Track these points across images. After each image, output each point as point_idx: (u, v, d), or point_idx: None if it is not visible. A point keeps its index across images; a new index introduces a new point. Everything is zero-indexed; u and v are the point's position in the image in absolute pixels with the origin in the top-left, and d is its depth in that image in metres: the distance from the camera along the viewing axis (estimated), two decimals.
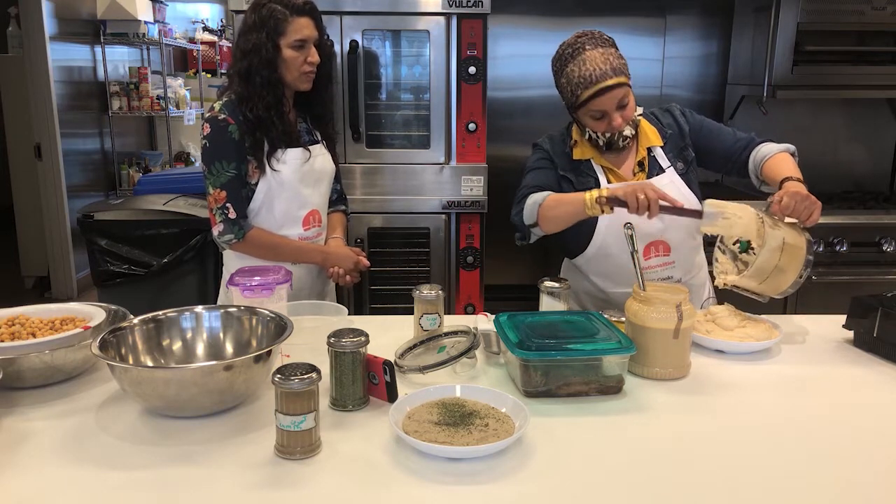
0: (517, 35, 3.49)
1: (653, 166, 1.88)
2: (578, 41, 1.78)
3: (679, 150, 1.90)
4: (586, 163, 1.89)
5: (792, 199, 1.62)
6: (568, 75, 1.77)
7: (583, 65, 1.74)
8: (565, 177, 1.90)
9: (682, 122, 1.92)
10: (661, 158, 1.88)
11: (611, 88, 1.73)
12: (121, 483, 1.10)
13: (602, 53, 1.74)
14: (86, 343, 1.42)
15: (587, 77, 1.73)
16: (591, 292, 1.97)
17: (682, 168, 1.89)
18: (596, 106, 1.76)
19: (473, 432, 1.19)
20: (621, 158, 1.89)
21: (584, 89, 1.75)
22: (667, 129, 1.91)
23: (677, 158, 1.89)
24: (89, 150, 5.31)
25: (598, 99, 1.74)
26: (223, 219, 1.88)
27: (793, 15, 3.01)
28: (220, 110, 1.87)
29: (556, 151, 1.93)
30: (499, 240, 3.35)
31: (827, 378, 1.52)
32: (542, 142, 1.97)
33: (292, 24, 1.85)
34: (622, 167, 1.89)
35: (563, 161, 1.91)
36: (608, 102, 1.75)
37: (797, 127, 3.55)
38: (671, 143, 1.90)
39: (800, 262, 1.62)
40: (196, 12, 6.24)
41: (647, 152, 1.88)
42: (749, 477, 1.12)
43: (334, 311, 1.69)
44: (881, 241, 3.01)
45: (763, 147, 1.86)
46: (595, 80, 1.73)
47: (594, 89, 1.73)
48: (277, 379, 1.14)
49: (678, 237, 1.84)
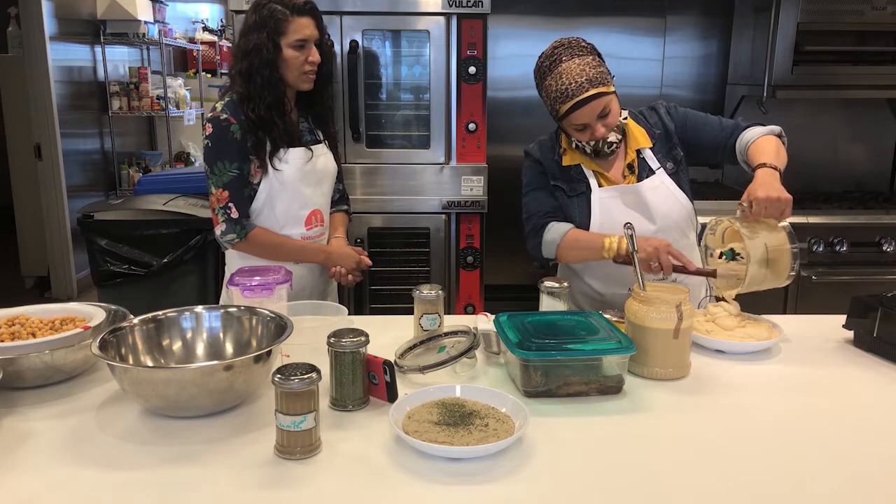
0: (517, 35, 3.50)
1: (642, 168, 1.88)
2: (555, 52, 1.75)
3: (668, 149, 1.89)
4: (577, 168, 1.89)
5: (760, 204, 1.61)
6: (546, 89, 1.77)
7: (559, 78, 1.72)
8: (557, 186, 1.90)
9: (668, 121, 1.91)
10: (650, 160, 1.88)
11: (588, 101, 1.71)
12: (121, 483, 1.10)
13: (578, 64, 1.72)
14: (86, 343, 1.42)
15: (563, 91, 1.72)
16: (587, 293, 1.97)
17: (672, 168, 1.88)
18: (576, 119, 1.75)
19: (473, 432, 1.19)
20: (610, 163, 1.89)
21: (561, 103, 1.73)
22: (654, 128, 1.91)
23: (667, 158, 1.88)
24: (89, 150, 5.31)
25: (577, 112, 1.73)
26: (225, 218, 1.89)
27: (793, 15, 3.01)
28: (222, 110, 1.87)
29: (546, 159, 1.93)
30: (499, 240, 3.36)
31: (827, 378, 1.52)
32: (531, 150, 1.97)
33: (293, 24, 1.85)
34: (612, 171, 1.89)
35: (554, 168, 1.91)
36: (588, 114, 1.74)
37: (797, 127, 3.54)
38: (660, 143, 1.89)
39: (787, 256, 1.63)
40: (196, 12, 6.24)
41: (637, 154, 1.88)
42: (749, 477, 1.12)
43: (334, 311, 1.69)
44: (881, 241, 3.01)
45: (748, 132, 1.84)
46: (571, 95, 1.71)
47: (571, 103, 1.72)
48: (277, 379, 1.14)
49: (670, 237, 1.83)
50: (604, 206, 1.86)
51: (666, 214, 1.85)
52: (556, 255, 1.87)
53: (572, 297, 2.00)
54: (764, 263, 1.62)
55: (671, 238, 1.83)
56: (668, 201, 1.85)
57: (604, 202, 1.86)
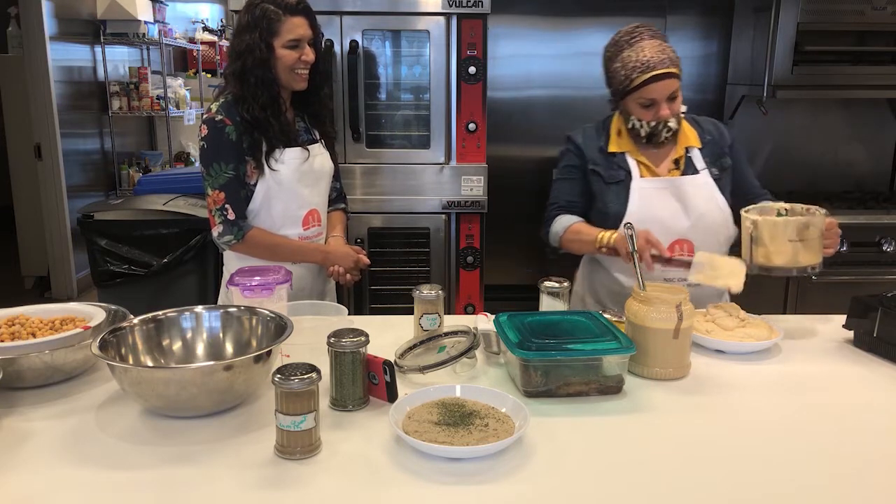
0: (517, 35, 3.49)
1: (688, 166, 1.90)
2: (636, 30, 1.84)
3: (716, 156, 1.92)
4: (620, 156, 1.91)
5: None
6: (623, 60, 1.81)
7: (641, 51, 1.79)
8: (594, 170, 1.93)
9: (727, 135, 1.96)
10: (697, 160, 1.90)
11: (665, 77, 1.78)
12: (121, 483, 1.10)
13: (660, 44, 1.81)
14: (86, 343, 1.42)
15: (644, 62, 1.78)
16: (610, 287, 1.97)
17: (717, 174, 1.90)
18: (647, 93, 1.79)
19: (473, 432, 1.19)
20: (660, 155, 1.91)
21: (640, 73, 1.78)
22: (707, 134, 1.94)
23: (713, 164, 1.91)
24: (89, 150, 5.31)
25: (652, 85, 1.78)
26: (222, 220, 1.88)
27: (793, 15, 3.01)
28: (217, 111, 1.87)
29: (588, 144, 1.95)
30: (499, 240, 3.36)
31: (827, 378, 1.52)
32: (574, 135, 2.00)
33: (286, 24, 1.85)
34: (660, 165, 1.91)
35: (595, 154, 1.94)
36: (661, 90, 1.79)
37: (797, 127, 3.55)
38: (709, 149, 1.92)
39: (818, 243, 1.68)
40: (196, 12, 6.24)
41: (685, 152, 1.90)
42: (749, 477, 1.12)
43: (334, 311, 1.69)
44: (881, 241, 3.01)
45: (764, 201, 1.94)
46: (652, 67, 1.77)
47: (650, 74, 1.77)
48: (277, 379, 1.14)
49: (702, 239, 1.84)
50: (643, 195, 1.87)
51: (703, 214, 1.85)
52: (560, 246, 1.94)
53: (594, 292, 2.03)
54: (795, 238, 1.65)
55: (701, 240, 1.84)
56: (708, 203, 1.87)
57: (644, 191, 1.87)
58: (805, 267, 1.67)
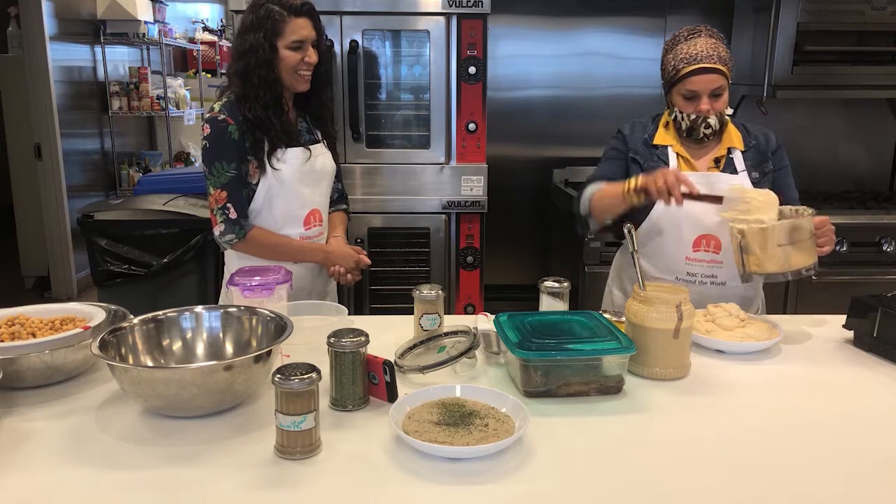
0: (517, 35, 3.50)
1: (727, 166, 1.91)
2: (697, 28, 1.88)
3: (758, 161, 1.93)
4: (662, 149, 1.93)
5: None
6: (676, 52, 1.86)
7: (695, 45, 1.83)
8: (634, 159, 1.95)
9: (773, 141, 1.96)
10: (738, 161, 1.91)
11: (710, 71, 1.80)
12: (121, 483, 1.10)
13: (716, 43, 1.84)
14: (86, 343, 1.42)
15: (693, 55, 1.82)
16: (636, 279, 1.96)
17: (757, 177, 1.90)
18: (691, 85, 1.82)
19: (473, 432, 1.19)
20: (702, 152, 1.93)
21: (687, 64, 1.82)
22: (752, 139, 1.95)
23: (754, 168, 1.91)
24: (89, 150, 5.31)
25: (697, 77, 1.81)
26: (224, 219, 1.89)
27: (793, 15, 3.01)
28: (220, 111, 1.87)
29: (634, 136, 1.99)
30: (499, 240, 3.36)
31: (827, 378, 1.52)
32: (623, 126, 2.04)
33: (290, 25, 1.85)
34: (699, 161, 1.92)
35: (639, 144, 1.96)
36: (704, 83, 1.81)
37: (797, 127, 3.56)
38: (752, 153, 1.93)
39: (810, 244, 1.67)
40: (196, 12, 6.24)
41: (727, 153, 1.91)
42: (749, 477, 1.12)
43: (334, 311, 1.69)
44: (881, 241, 3.01)
45: None
46: (699, 60, 1.81)
47: (696, 66, 1.81)
48: (277, 379, 1.14)
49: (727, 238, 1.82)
50: None
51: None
52: (590, 210, 1.93)
53: (619, 281, 2.05)
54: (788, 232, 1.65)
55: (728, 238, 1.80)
56: None
57: None
58: (799, 269, 1.66)
